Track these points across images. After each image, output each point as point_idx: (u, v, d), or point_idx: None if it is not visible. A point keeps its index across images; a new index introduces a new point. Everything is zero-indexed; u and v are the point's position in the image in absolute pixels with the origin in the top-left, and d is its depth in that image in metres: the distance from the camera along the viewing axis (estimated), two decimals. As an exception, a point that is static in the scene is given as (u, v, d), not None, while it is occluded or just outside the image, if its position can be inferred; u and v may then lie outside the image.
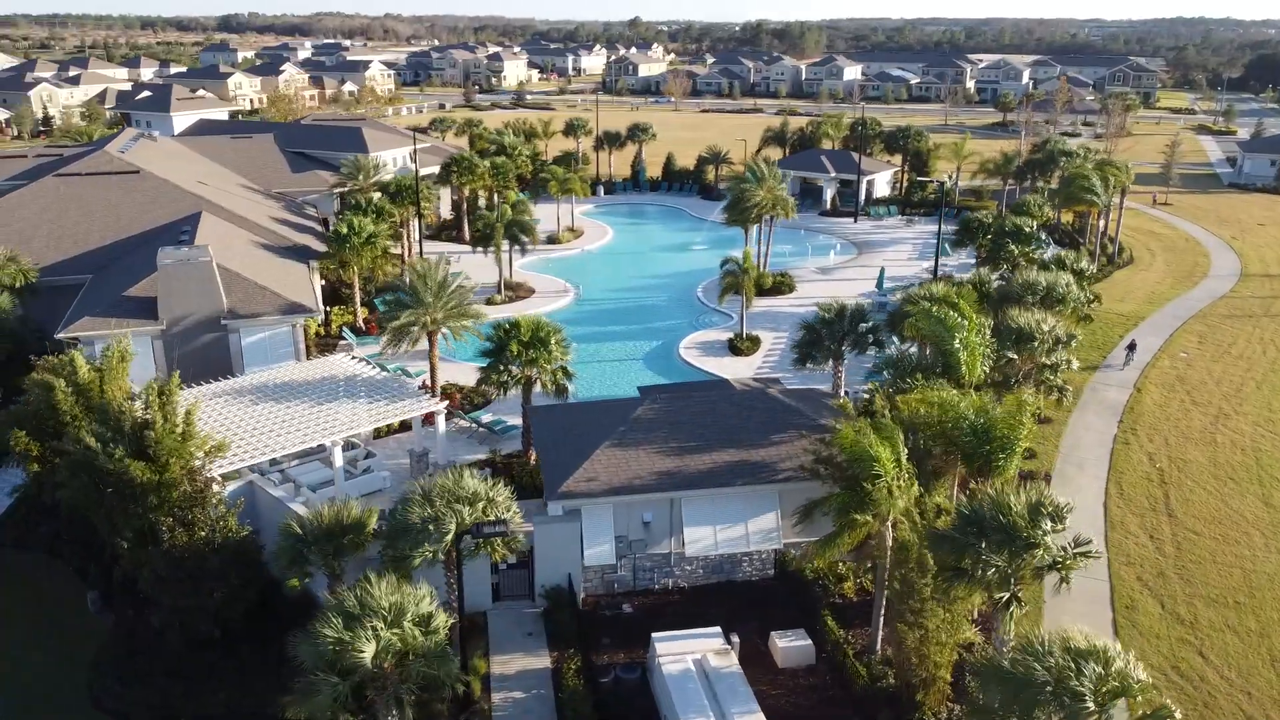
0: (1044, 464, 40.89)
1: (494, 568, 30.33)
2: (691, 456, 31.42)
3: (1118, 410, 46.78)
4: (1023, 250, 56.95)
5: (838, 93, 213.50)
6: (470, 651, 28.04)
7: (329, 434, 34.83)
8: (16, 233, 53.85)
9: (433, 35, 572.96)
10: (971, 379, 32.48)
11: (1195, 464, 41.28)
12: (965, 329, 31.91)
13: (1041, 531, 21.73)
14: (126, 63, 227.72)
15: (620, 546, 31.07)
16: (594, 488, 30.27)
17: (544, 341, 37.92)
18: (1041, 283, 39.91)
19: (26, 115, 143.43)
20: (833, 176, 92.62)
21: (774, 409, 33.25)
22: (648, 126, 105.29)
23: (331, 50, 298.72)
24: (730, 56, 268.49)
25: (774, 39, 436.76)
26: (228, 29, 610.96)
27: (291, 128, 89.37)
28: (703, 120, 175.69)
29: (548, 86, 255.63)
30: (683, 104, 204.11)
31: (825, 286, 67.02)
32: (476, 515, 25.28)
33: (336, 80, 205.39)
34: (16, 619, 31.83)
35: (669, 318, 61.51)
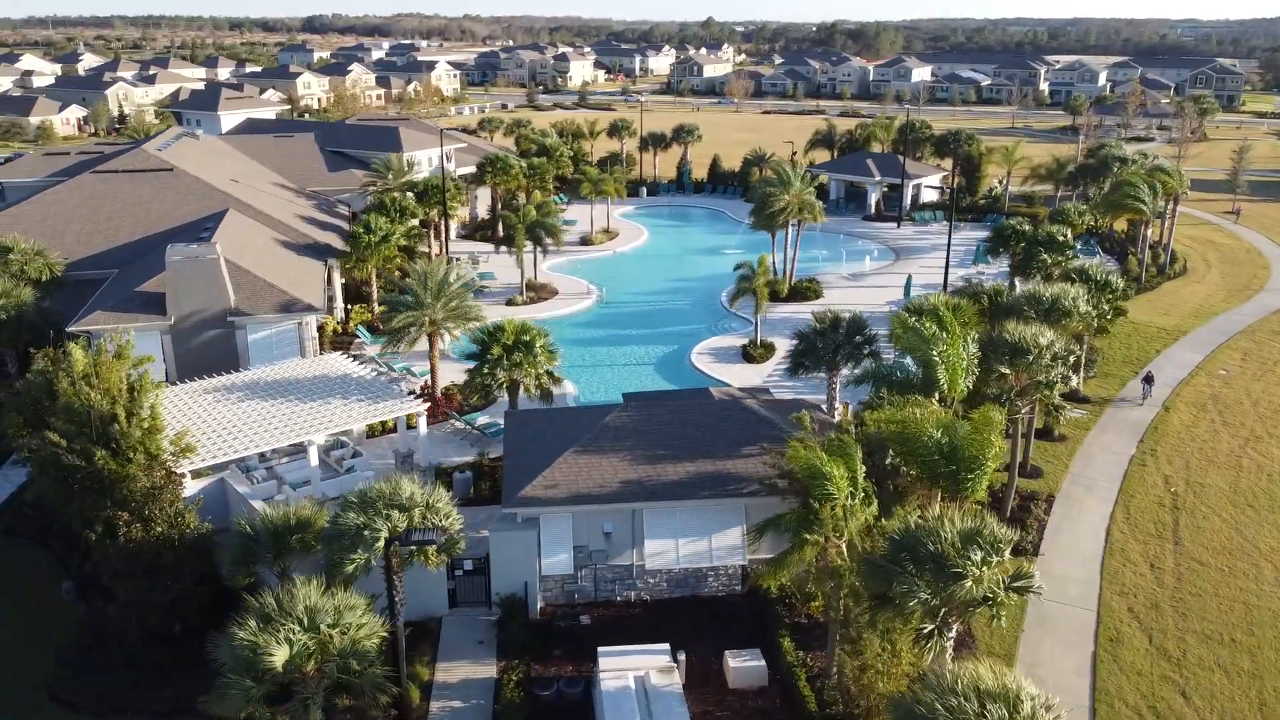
0: (1050, 485, 39.12)
1: (450, 573, 30.09)
2: (657, 467, 30.71)
3: (1140, 430, 44.57)
4: (1055, 259, 54.80)
5: (904, 94, 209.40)
6: (416, 658, 27.84)
7: (306, 432, 34.99)
8: (51, 227, 55.58)
9: (508, 36, 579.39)
10: (954, 394, 31.17)
11: (1214, 489, 39.05)
12: (944, 341, 30.58)
13: (971, 562, 20.49)
14: (205, 63, 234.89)
15: (580, 556, 30.52)
16: (553, 495, 29.77)
17: (528, 345, 37.60)
18: (1046, 294, 38.14)
19: (103, 113, 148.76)
20: (878, 180, 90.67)
21: (748, 420, 32.35)
22: (693, 128, 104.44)
23: (404, 51, 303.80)
24: (797, 57, 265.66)
25: (848, 40, 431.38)
26: (311, 30, 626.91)
27: (332, 127, 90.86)
28: (762, 122, 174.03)
29: (612, 87, 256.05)
30: (744, 105, 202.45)
31: (854, 293, 65.52)
32: (411, 521, 25.01)
33: (403, 80, 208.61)
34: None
35: (689, 322, 60.70)
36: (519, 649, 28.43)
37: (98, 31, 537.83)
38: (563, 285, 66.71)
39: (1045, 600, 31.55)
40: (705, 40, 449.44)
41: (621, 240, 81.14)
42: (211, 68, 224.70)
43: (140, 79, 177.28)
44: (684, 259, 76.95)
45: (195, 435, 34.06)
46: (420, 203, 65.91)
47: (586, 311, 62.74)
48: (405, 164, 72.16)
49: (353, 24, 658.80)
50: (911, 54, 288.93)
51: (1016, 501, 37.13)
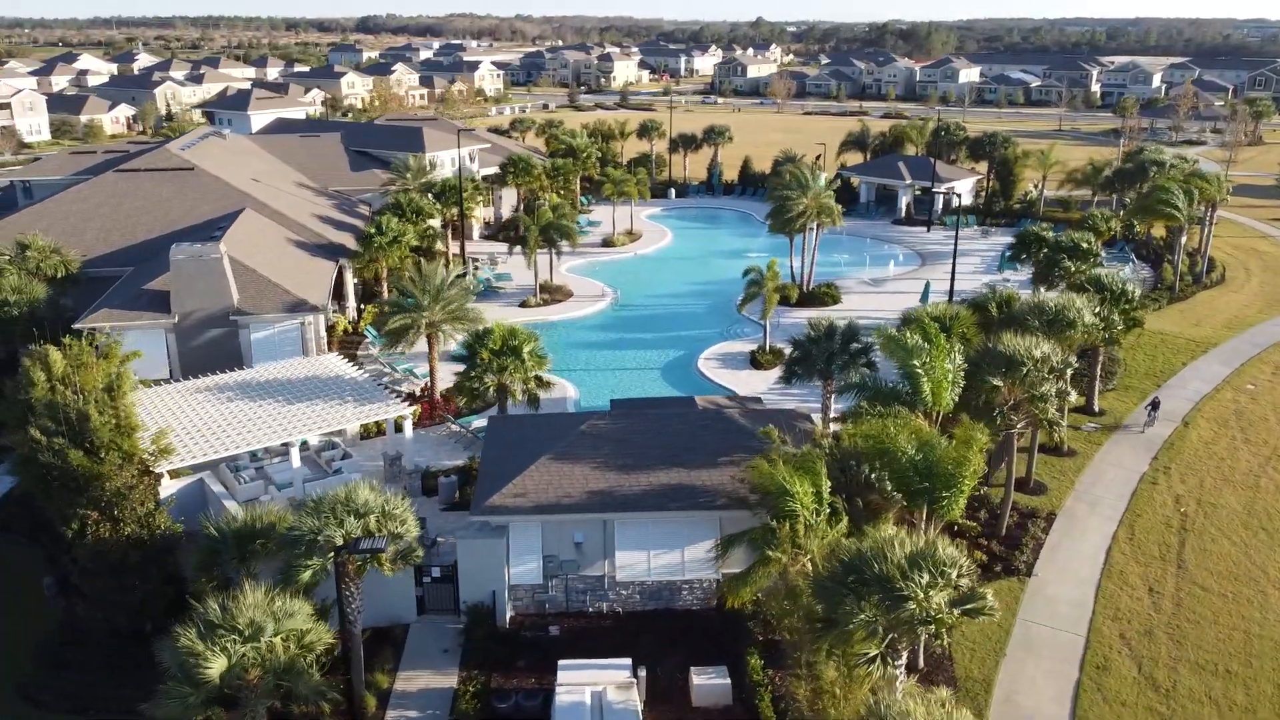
0: (1053, 502, 37.80)
1: (418, 579, 29.83)
2: (630, 476, 30.13)
3: (1155, 446, 42.96)
4: (1078, 267, 53.19)
5: (949, 95, 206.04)
6: (378, 665, 27.60)
7: (288, 434, 35.00)
8: (73, 225, 56.55)
9: (558, 36, 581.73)
10: (938, 407, 30.14)
11: (1227, 510, 37.43)
12: (926, 352, 29.57)
13: (915, 585, 19.61)
14: (255, 63, 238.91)
15: (550, 566, 30.07)
16: (522, 503, 29.34)
17: (516, 350, 37.25)
18: (1050, 304, 36.81)
19: (150, 112, 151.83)
20: (908, 184, 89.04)
21: (728, 430, 31.64)
22: (724, 129, 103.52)
23: (451, 51, 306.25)
24: (843, 58, 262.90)
25: (898, 40, 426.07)
26: (364, 30, 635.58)
27: (359, 127, 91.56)
28: (802, 123, 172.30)
29: (654, 88, 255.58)
30: (786, 106, 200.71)
31: (873, 299, 64.33)
32: (366, 528, 24.72)
33: (447, 80, 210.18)
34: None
35: (702, 326, 59.98)
36: (483, 659, 28.08)
37: (159, 32, 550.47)
38: (578, 287, 66.37)
39: (1034, 623, 30.50)
40: (754, 41, 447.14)
41: (644, 242, 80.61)
42: (261, 67, 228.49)
43: (189, 79, 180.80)
44: (705, 262, 76.16)
45: (179, 435, 34.28)
46: (438, 203, 66.03)
47: (600, 314, 62.32)
48: (428, 164, 72.42)
49: (405, 24, 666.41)
50: (963, 54, 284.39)
51: (1014, 519, 35.93)
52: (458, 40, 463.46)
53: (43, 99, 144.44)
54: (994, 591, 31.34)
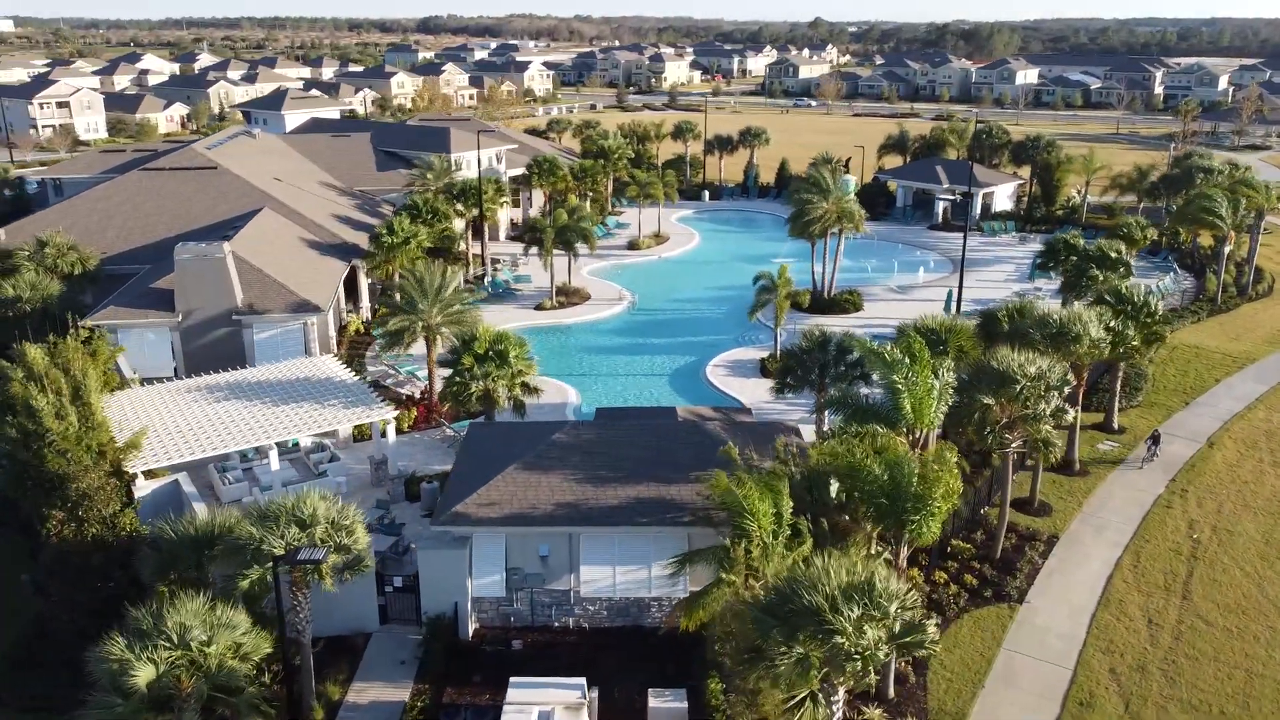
0: (1056, 524, 36.14)
1: (380, 589, 29.40)
2: (599, 489, 29.35)
3: (1175, 466, 40.92)
4: (1107, 277, 51.12)
5: (1005, 97, 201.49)
6: (332, 675, 27.19)
7: (267, 437, 34.86)
8: (96, 222, 57.56)
9: (615, 36, 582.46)
10: (921, 425, 28.84)
11: (1244, 538, 35.42)
12: (907, 367, 28.29)
13: (845, 618, 18.50)
14: (310, 63, 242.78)
15: (514, 579, 29.41)
16: (486, 514, 28.73)
17: (502, 355, 36.66)
18: (1054, 318, 35.12)
19: (204, 111, 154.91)
20: (946, 188, 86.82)
21: (704, 444, 30.66)
22: (761, 131, 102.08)
23: (505, 51, 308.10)
24: (897, 58, 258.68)
25: (959, 41, 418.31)
26: (425, 30, 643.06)
27: (388, 127, 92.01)
28: (850, 125, 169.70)
29: (704, 88, 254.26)
30: (836, 107, 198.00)
31: (896, 307, 62.55)
32: (312, 538, 24.30)
33: (496, 80, 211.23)
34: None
35: (717, 332, 58.92)
36: (440, 672, 27.54)
37: (226, 33, 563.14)
38: (597, 290, 65.73)
39: (1018, 653, 29.08)
40: (811, 41, 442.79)
41: (671, 245, 79.70)
42: (316, 67, 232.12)
43: (244, 78, 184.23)
44: (730, 266, 74.89)
45: (160, 435, 34.34)
46: (458, 204, 65.92)
47: (615, 318, 61.62)
48: (454, 164, 72.37)
49: (465, 25, 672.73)
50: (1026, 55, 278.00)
51: (1011, 542, 34.40)
52: (516, 40, 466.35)
53: (100, 98, 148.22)
54: (980, 619, 30.53)
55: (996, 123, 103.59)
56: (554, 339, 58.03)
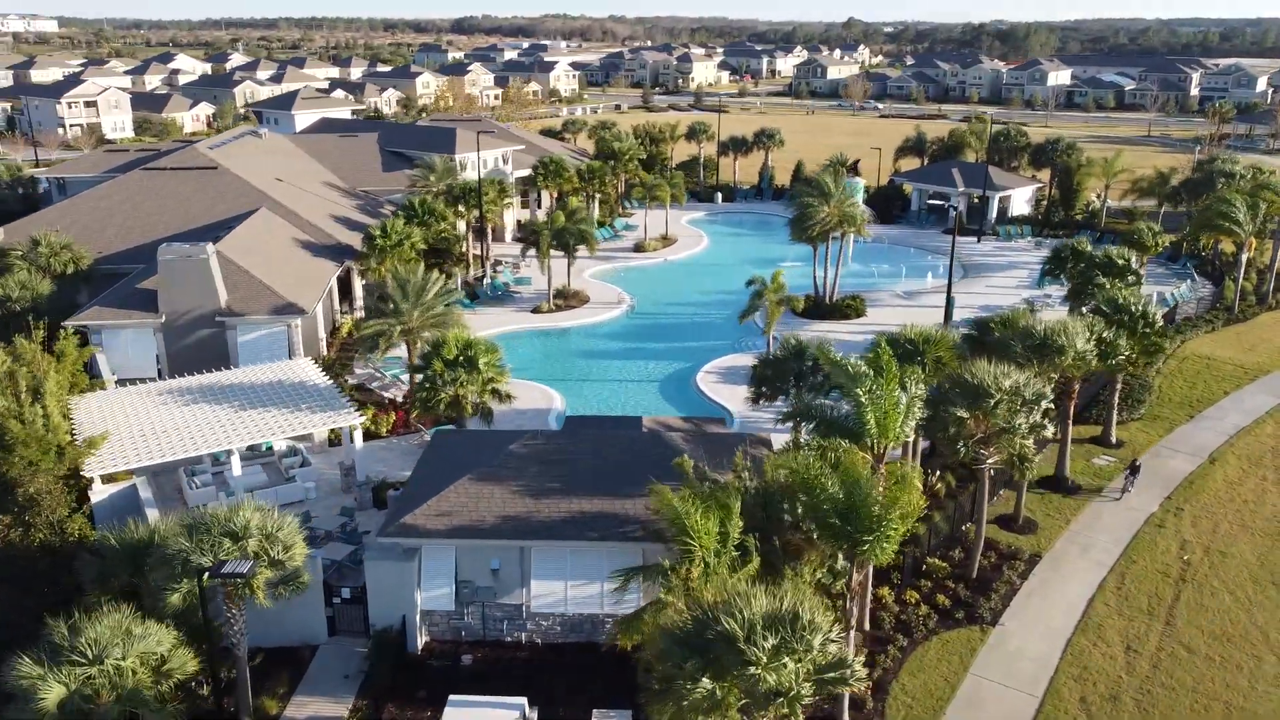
0: (1041, 543, 34.84)
1: (328, 600, 28.84)
2: (553, 502, 28.57)
3: (1172, 483, 39.40)
4: (1114, 285, 49.54)
5: (1035, 99, 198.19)
6: (272, 689, 26.64)
7: (229, 441, 34.44)
8: (95, 221, 57.70)
9: (648, 36, 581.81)
10: (886, 440, 27.71)
11: (1237, 561, 33.90)
12: (870, 380, 27.19)
13: (759, 649, 17.53)
14: (339, 63, 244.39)
15: (465, 592, 28.71)
16: (434, 526, 28.06)
17: (471, 361, 35.99)
18: (1037, 329, 33.79)
19: (229, 110, 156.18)
20: (961, 191, 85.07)
21: (665, 455, 29.69)
22: (775, 132, 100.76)
23: (534, 52, 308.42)
24: (927, 59, 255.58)
25: (994, 41, 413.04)
26: (459, 30, 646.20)
27: (396, 127, 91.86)
28: (874, 126, 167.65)
29: (731, 89, 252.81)
30: (863, 108, 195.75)
31: (901, 313, 60.92)
32: (245, 551, 23.74)
33: (521, 80, 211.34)
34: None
35: (713, 338, 57.86)
36: (383, 688, 26.92)
37: (263, 33, 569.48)
38: (597, 293, 64.98)
39: (986, 679, 27.91)
40: (844, 41, 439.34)
41: (678, 248, 78.76)
42: (345, 67, 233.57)
43: (271, 78, 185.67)
44: (736, 269, 73.46)
45: (121, 438, 34.03)
46: (458, 205, 65.48)
47: (612, 322, 60.83)
48: (459, 165, 72.02)
49: (499, 25, 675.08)
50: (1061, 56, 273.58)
51: (990, 560, 33.19)
52: (548, 41, 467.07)
53: (127, 97, 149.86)
54: (948, 641, 29.37)
55: (1016, 125, 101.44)
56: (547, 342, 57.40)
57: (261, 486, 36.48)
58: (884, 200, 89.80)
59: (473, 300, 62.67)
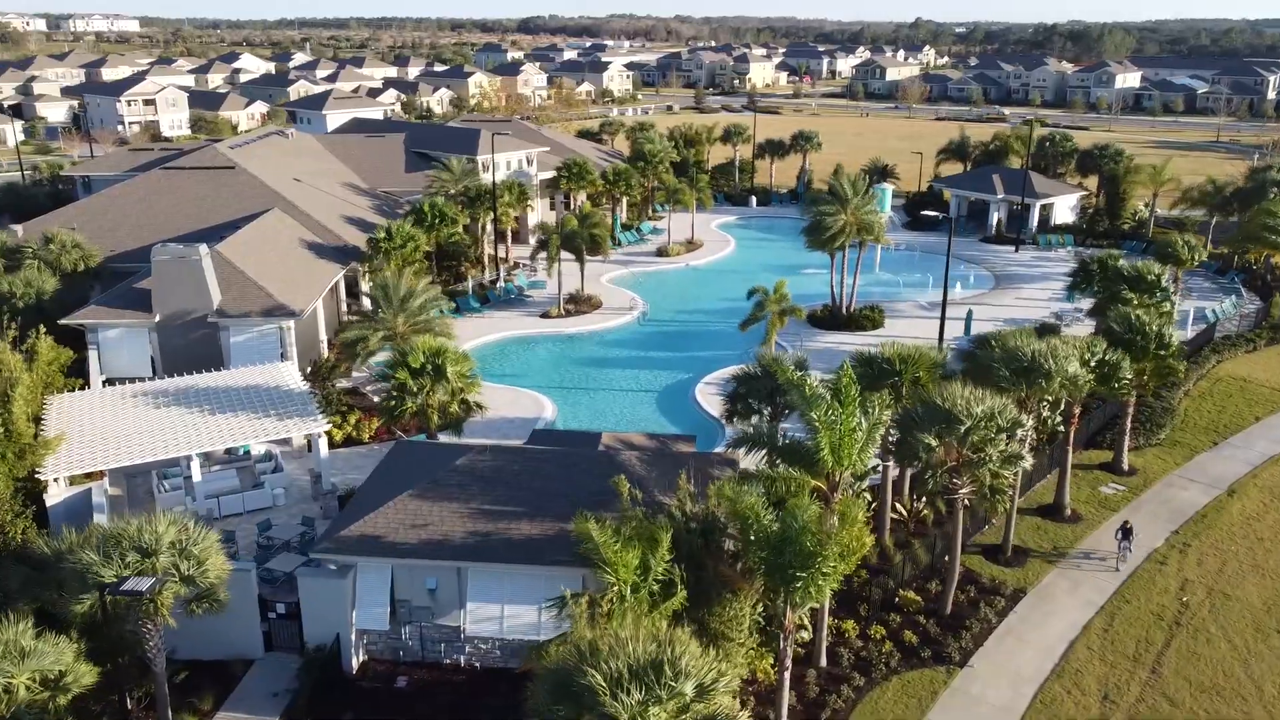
0: (1028, 577, 32.79)
1: (264, 614, 28.19)
2: (492, 522, 27.52)
3: (1182, 516, 36.92)
4: (1141, 300, 46.98)
5: (1100, 102, 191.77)
6: (194, 705, 26.04)
7: (188, 446, 34.08)
8: (111, 220, 58.31)
9: (713, 36, 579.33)
10: (842, 467, 26.07)
11: (1242, 604, 31.46)
12: (826, 403, 25.58)
13: (623, 706, 16.19)
14: (397, 62, 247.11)
15: (402, 612, 27.84)
16: (370, 543, 27.21)
17: (439, 370, 35.11)
18: (1025, 350, 31.68)
19: (281, 109, 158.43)
20: (1001, 198, 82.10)
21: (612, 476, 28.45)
22: (812, 135, 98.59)
23: (592, 52, 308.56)
24: (990, 60, 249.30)
25: (1067, 42, 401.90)
26: (525, 30, 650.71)
27: (423, 128, 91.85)
28: (928, 129, 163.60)
29: (786, 90, 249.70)
30: (918, 111, 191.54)
31: (920, 324, 58.90)
32: (155, 567, 23.11)
33: (574, 81, 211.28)
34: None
35: (722, 347, 56.23)
36: (311, 707, 26.16)
37: (332, 33, 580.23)
38: (610, 298, 63.90)
39: (943, 726, 26.12)
40: (911, 42, 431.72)
41: (702, 253, 77.28)
42: (403, 66, 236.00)
43: (327, 78, 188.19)
44: (758, 276, 70.77)
45: (87, 440, 33.90)
46: (473, 207, 64.99)
47: (621, 328, 59.67)
48: (479, 166, 71.52)
49: (565, 25, 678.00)
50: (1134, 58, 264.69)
51: (969, 595, 31.32)
52: (609, 41, 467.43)
53: (185, 95, 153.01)
54: (909, 683, 27.63)
55: (1063, 130, 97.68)
56: (551, 348, 56.49)
57: (230, 492, 36.16)
58: (922, 207, 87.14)
59: (484, 304, 62.07)
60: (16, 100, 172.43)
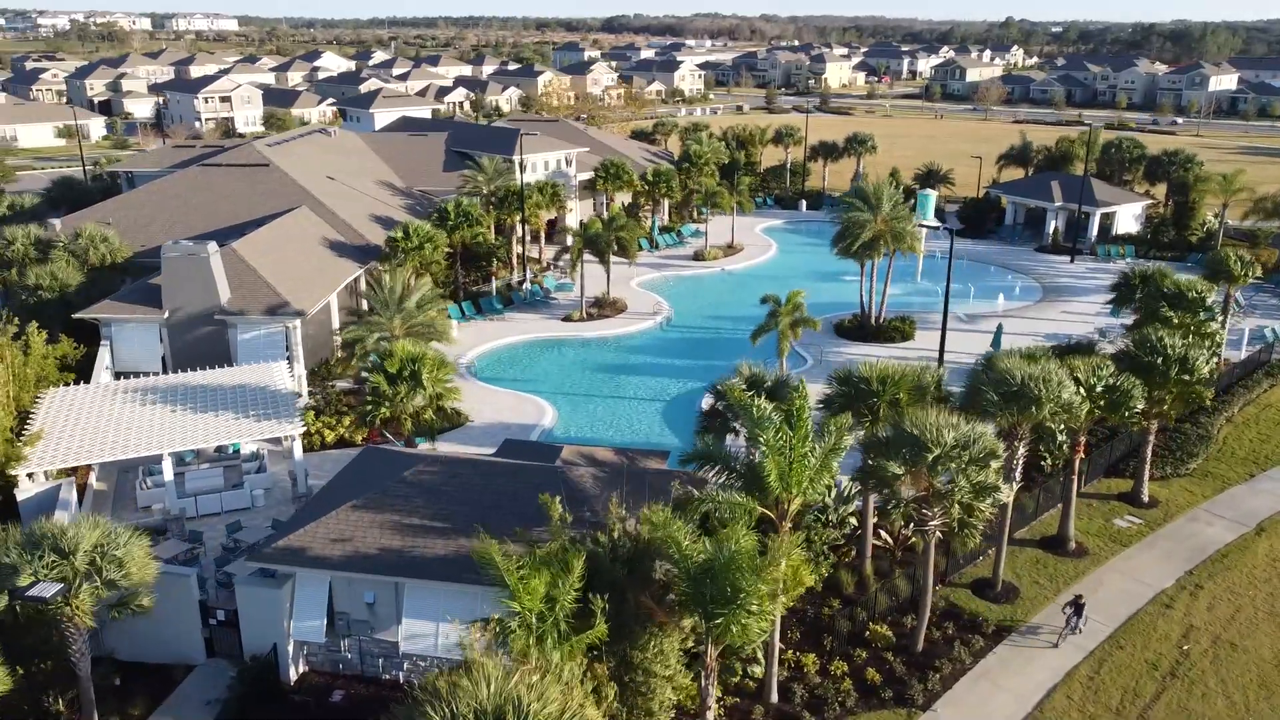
0: (1015, 614, 30.70)
1: (205, 620, 27.93)
2: (433, 537, 26.73)
3: (1201, 555, 34.25)
4: (1183, 318, 44.07)
5: (1191, 104, 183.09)
6: (123, 711, 25.84)
7: (159, 446, 34.13)
8: (146, 214, 59.51)
9: (798, 35, 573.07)
10: (790, 494, 24.58)
11: (1249, 656, 28.88)
12: (774, 425, 24.11)
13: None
14: (472, 61, 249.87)
15: (340, 625, 27.26)
16: (308, 553, 26.68)
17: (415, 376, 34.56)
18: (1015, 374, 29.50)
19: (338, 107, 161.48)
20: (1059, 206, 78.51)
21: (572, 494, 27.44)
22: (866, 138, 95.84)
23: (668, 51, 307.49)
24: (1077, 61, 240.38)
25: (1165, 42, 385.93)
26: (609, 29, 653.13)
27: (465, 127, 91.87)
28: (1001, 132, 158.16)
29: (860, 90, 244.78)
30: (995, 113, 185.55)
31: (952, 338, 56.12)
32: (73, 569, 22.91)
33: (644, 80, 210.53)
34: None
35: (745, 355, 54.56)
36: (240, 717, 25.74)
37: (419, 32, 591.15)
38: (636, 302, 62.85)
39: (892, 776, 24.43)
40: (1001, 41, 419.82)
41: (741, 257, 75.62)
42: (478, 65, 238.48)
43: (400, 76, 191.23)
44: (794, 282, 68.47)
45: (62, 437, 34.23)
46: (500, 209, 64.64)
47: (642, 334, 58.58)
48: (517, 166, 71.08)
49: (649, 24, 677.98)
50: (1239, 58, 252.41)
51: (947, 632, 29.45)
52: (690, 40, 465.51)
53: (259, 93, 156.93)
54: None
55: (1130, 134, 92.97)
56: (566, 353, 55.69)
57: (209, 491, 36.21)
58: (977, 214, 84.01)
59: (507, 305, 61.63)
60: (107, 96, 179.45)
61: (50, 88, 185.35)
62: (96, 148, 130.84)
